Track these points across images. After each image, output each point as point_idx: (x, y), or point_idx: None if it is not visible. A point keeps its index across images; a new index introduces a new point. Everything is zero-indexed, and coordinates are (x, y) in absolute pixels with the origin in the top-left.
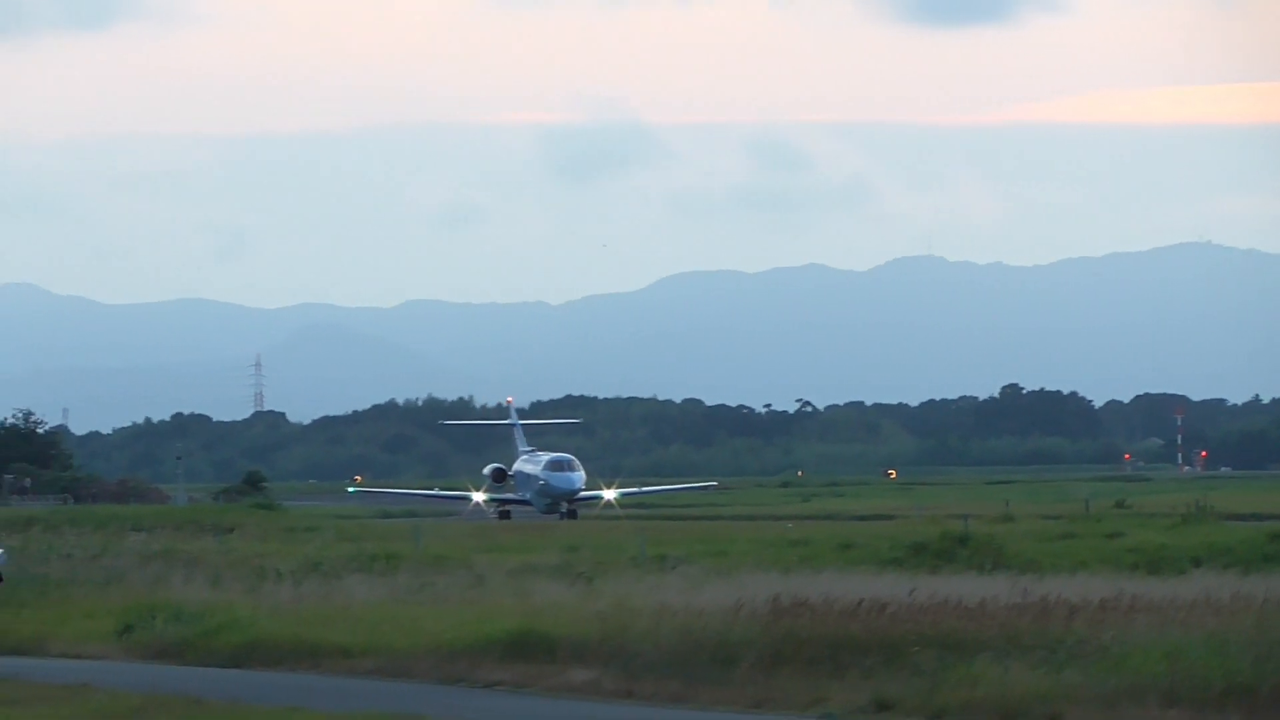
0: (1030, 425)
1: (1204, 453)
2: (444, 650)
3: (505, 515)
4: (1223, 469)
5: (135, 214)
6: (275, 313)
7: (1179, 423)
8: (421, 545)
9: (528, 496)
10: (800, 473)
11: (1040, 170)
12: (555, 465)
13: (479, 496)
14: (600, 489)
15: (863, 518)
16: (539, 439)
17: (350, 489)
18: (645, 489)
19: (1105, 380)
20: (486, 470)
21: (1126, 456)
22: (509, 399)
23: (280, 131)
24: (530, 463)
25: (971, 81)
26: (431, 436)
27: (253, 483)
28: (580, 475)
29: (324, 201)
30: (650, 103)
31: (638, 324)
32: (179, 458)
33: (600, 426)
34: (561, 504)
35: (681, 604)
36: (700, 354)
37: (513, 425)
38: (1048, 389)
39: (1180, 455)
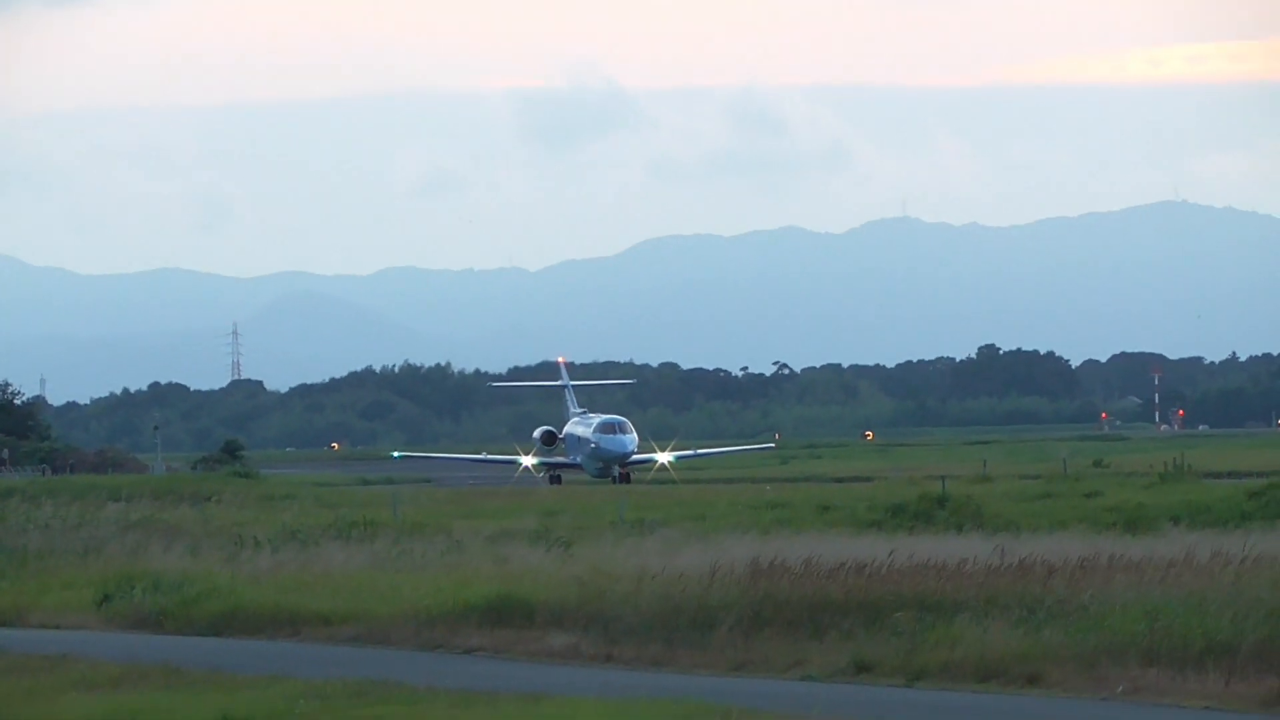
0: (1008, 385)
1: (1181, 411)
2: (423, 617)
3: (556, 480)
4: (1200, 427)
5: (113, 185)
6: (253, 282)
7: (1156, 381)
8: (400, 512)
9: (578, 460)
10: (778, 435)
11: (1017, 131)
12: (607, 428)
13: (528, 461)
14: (654, 451)
15: (841, 480)
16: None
17: (395, 454)
18: (701, 451)
19: (1082, 340)
20: (536, 433)
21: (1104, 416)
22: (561, 358)
23: (258, 102)
24: (581, 425)
25: (949, 44)
26: (409, 403)
27: (231, 451)
28: (633, 438)
29: (302, 171)
30: (628, 67)
31: (615, 289)
32: (157, 427)
33: (577, 391)
34: (614, 468)
35: (660, 568)
36: (677, 318)
37: (564, 386)
38: (1025, 349)
39: (1158, 414)
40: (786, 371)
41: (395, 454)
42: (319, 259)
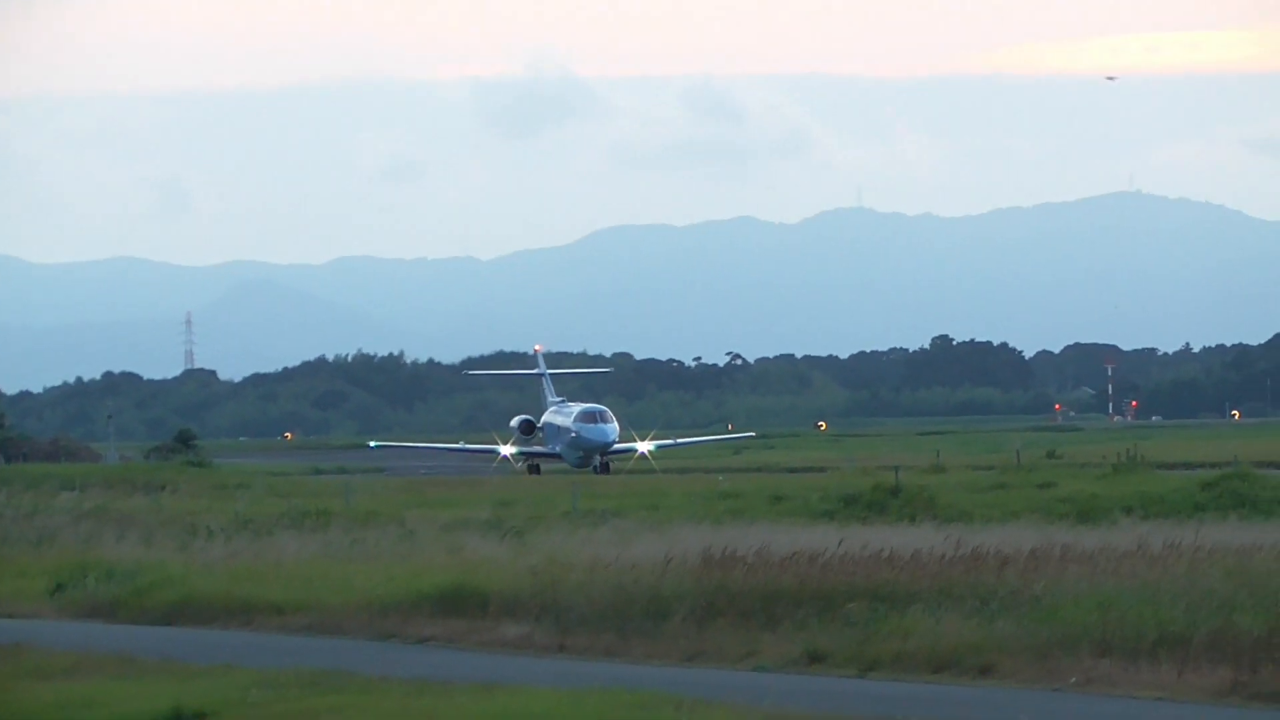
0: (961, 376)
1: (1135, 402)
2: (376, 606)
3: (535, 470)
4: (1154, 418)
5: (69, 173)
6: (207, 270)
7: (1110, 372)
8: (352, 501)
9: (558, 450)
10: (731, 425)
11: (972, 122)
12: (587, 417)
13: (506, 450)
14: (634, 441)
15: (794, 470)
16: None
17: (372, 444)
18: (681, 441)
19: (1036, 330)
20: (514, 422)
21: (1058, 407)
22: (538, 346)
23: (216, 90)
24: (560, 414)
25: (908, 34)
26: (362, 392)
27: (184, 440)
28: (614, 427)
29: (259, 159)
30: (586, 56)
31: (567, 278)
32: (110, 416)
33: (529, 381)
34: (595, 457)
35: (614, 558)
36: (630, 307)
37: (540, 375)
38: (978, 340)
39: (1111, 405)
40: (740, 362)
41: (372, 444)
42: (274, 248)
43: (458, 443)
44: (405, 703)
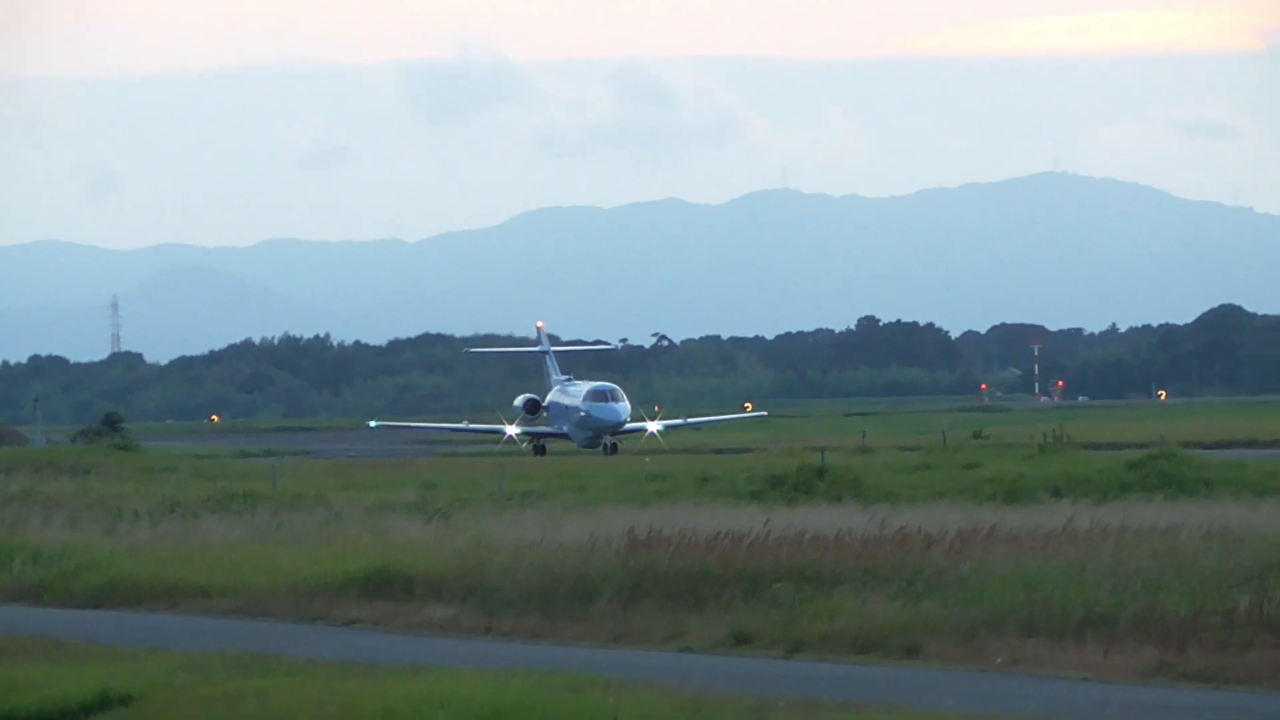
0: (887, 357)
1: (1061, 382)
2: (302, 589)
3: (540, 450)
4: (1080, 398)
5: None
6: (134, 254)
7: (1036, 352)
8: (279, 484)
9: (565, 429)
10: (658, 408)
11: (899, 103)
12: (598, 395)
13: (512, 430)
14: (643, 420)
15: (720, 451)
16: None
17: (371, 424)
18: (691, 420)
19: (962, 311)
20: (518, 401)
21: (984, 387)
22: (540, 323)
23: (143, 73)
24: (566, 393)
25: (835, 17)
26: (288, 375)
27: (111, 424)
28: (625, 406)
29: (187, 143)
30: (514, 38)
31: (493, 261)
32: (37, 400)
33: (458, 364)
34: (604, 437)
35: (539, 539)
36: (556, 290)
37: (544, 352)
38: (904, 320)
39: (1038, 385)
40: (666, 343)
41: (372, 423)
42: (201, 231)
43: (461, 422)
44: (331, 685)
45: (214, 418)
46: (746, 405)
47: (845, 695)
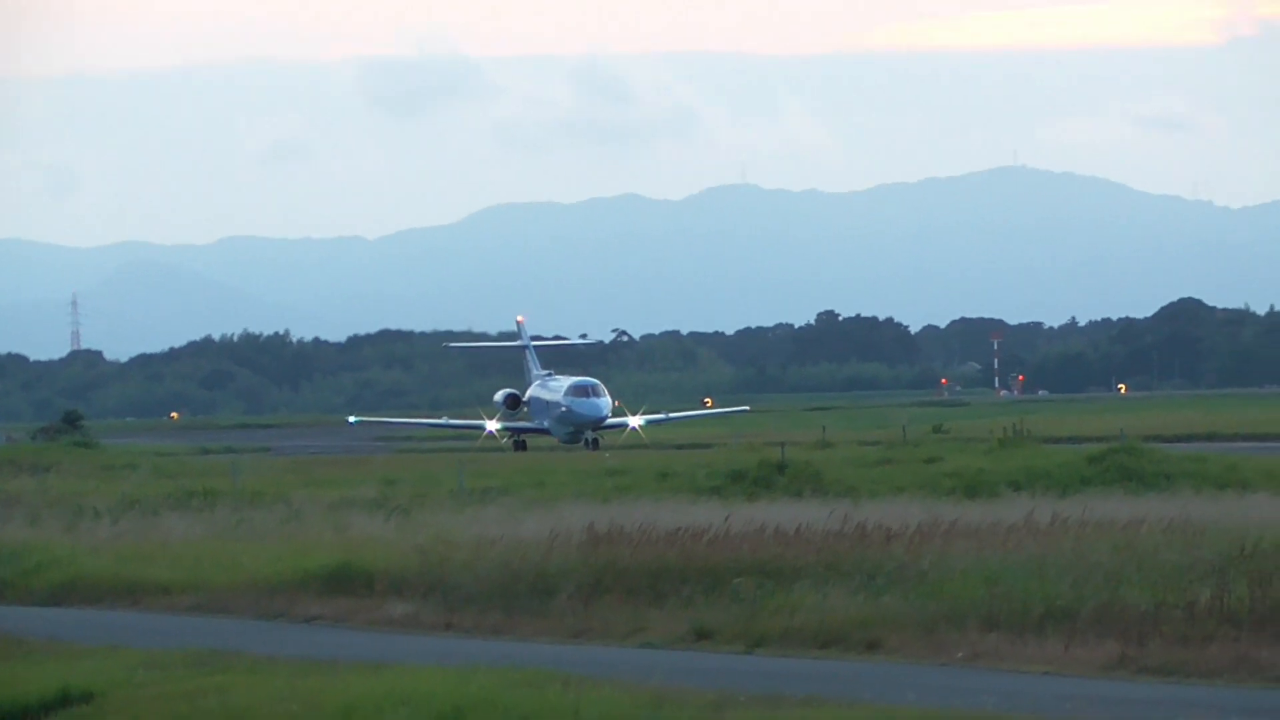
0: (847, 352)
1: (1021, 376)
2: (263, 586)
3: (521, 446)
4: (1040, 392)
5: None
6: (94, 251)
7: (996, 347)
8: (239, 481)
9: (545, 425)
10: (618, 403)
11: (858, 98)
12: (579, 390)
13: (492, 425)
14: (625, 415)
15: (680, 446)
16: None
17: (351, 419)
18: (672, 415)
19: (922, 305)
20: (498, 396)
21: (944, 381)
22: (520, 318)
23: (103, 71)
24: (547, 388)
25: (795, 11)
26: (248, 371)
27: (71, 421)
28: (607, 401)
29: (145, 141)
30: (474, 35)
31: (453, 257)
32: None
33: (418, 360)
34: (585, 433)
35: (500, 535)
36: (515, 285)
37: (524, 347)
38: (864, 315)
39: (997, 379)
40: (626, 339)
41: (351, 419)
42: (160, 228)
43: (441, 417)
44: (292, 682)
45: (174, 415)
46: (706, 401)
47: (806, 690)
